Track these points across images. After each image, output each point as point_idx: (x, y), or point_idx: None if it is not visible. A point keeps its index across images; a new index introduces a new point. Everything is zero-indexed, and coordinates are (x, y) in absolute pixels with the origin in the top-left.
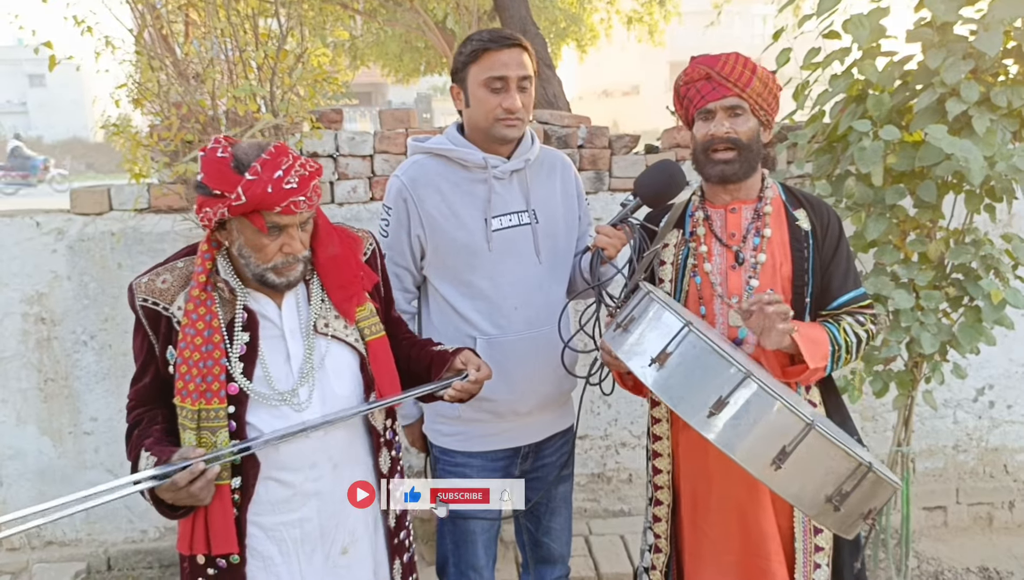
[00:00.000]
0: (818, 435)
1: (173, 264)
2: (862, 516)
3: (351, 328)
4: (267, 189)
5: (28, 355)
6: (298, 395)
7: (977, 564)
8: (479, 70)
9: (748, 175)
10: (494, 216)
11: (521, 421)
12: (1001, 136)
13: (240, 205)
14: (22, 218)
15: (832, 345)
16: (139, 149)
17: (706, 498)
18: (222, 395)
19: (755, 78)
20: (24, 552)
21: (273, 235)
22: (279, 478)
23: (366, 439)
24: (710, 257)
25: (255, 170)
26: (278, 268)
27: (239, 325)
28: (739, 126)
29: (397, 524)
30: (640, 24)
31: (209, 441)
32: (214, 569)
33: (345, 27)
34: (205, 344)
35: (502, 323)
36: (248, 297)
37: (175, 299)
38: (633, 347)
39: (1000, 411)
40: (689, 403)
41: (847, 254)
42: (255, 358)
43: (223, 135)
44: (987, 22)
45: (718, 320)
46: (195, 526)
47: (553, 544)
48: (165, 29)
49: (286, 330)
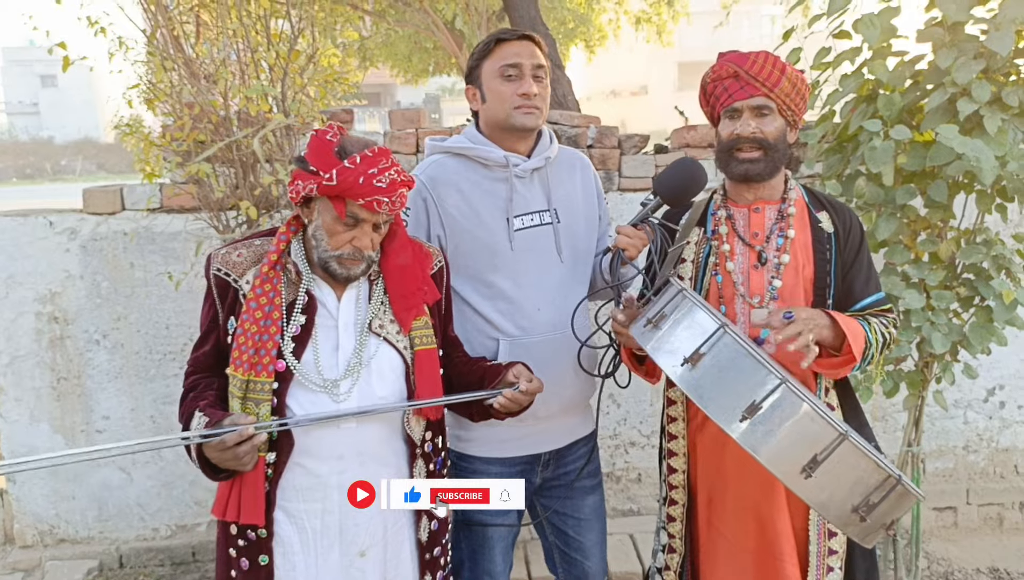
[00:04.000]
0: (851, 446)
1: (251, 241)
2: (884, 526)
3: (403, 336)
4: (359, 180)
5: (41, 354)
6: (339, 387)
7: (987, 565)
8: (492, 62)
9: (772, 175)
10: (516, 215)
11: (541, 426)
12: (1012, 136)
13: (330, 186)
14: (35, 217)
15: (866, 341)
16: (151, 149)
17: (722, 497)
18: (270, 370)
19: (784, 78)
20: (37, 549)
21: (349, 225)
22: (306, 465)
23: (401, 446)
24: (732, 256)
25: (354, 160)
26: (343, 258)
27: (299, 307)
28: (766, 126)
29: (431, 539)
30: (648, 24)
31: (253, 412)
32: (244, 540)
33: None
34: (264, 318)
35: (524, 325)
36: (312, 282)
37: (245, 273)
38: (663, 343)
39: (1011, 411)
40: (721, 405)
41: (868, 258)
42: (307, 341)
43: (336, 124)
44: (998, 22)
45: (739, 319)
46: (231, 493)
47: (588, 562)
48: (177, 30)
49: (340, 322)
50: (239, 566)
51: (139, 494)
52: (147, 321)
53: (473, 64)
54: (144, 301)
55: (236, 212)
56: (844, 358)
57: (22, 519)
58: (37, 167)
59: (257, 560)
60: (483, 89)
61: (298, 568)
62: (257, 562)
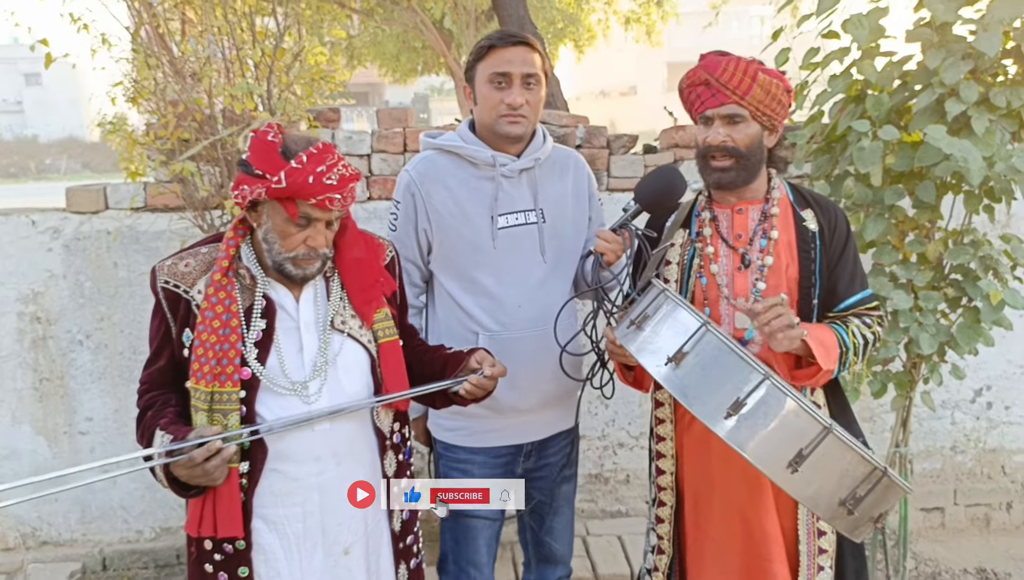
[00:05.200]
0: (836, 439)
1: (197, 249)
2: (872, 520)
3: (366, 329)
4: (308, 179)
5: (23, 354)
6: (308, 388)
7: (975, 565)
8: (485, 67)
9: (748, 181)
10: (500, 214)
11: (522, 418)
12: (1000, 136)
13: (279, 189)
14: (17, 216)
15: (840, 347)
16: (135, 147)
17: (708, 499)
18: (235, 379)
19: (755, 85)
20: (19, 552)
21: (301, 225)
22: (283, 470)
23: (373, 440)
24: (716, 258)
25: (301, 160)
26: (298, 259)
27: (257, 312)
28: (737, 134)
29: (403, 528)
30: (638, 25)
31: (221, 422)
32: (221, 555)
33: (342, 26)
34: (223, 327)
35: (505, 320)
36: (268, 285)
37: (196, 283)
38: (646, 345)
39: (998, 412)
40: (706, 403)
41: (854, 255)
42: (270, 345)
43: (275, 122)
44: (986, 22)
45: (724, 321)
46: (204, 508)
47: (555, 544)
48: (162, 27)
49: (301, 322)
50: None
51: (122, 496)
52: (131, 321)
53: (469, 65)
54: (128, 301)
55: (221, 211)
56: (815, 369)
57: (4, 521)
58: (21, 166)
59: (236, 573)
60: (475, 91)
61: (283, 574)
62: (236, 575)
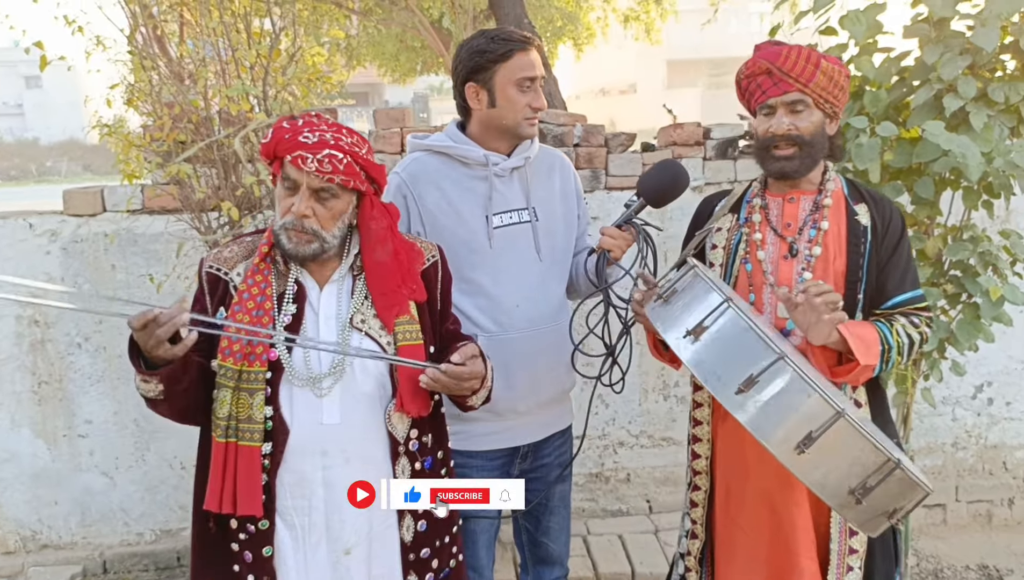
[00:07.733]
0: (847, 424)
1: (243, 239)
2: (886, 514)
3: (386, 332)
4: (285, 136)
5: (22, 358)
6: (322, 383)
7: (976, 562)
8: (510, 70)
9: (809, 170)
10: (495, 213)
11: (520, 420)
12: (999, 132)
13: (264, 143)
14: (15, 219)
15: (882, 344)
16: (132, 149)
17: (741, 490)
18: (264, 359)
19: (818, 72)
20: (19, 555)
21: (289, 189)
22: (289, 461)
23: (386, 444)
24: (763, 245)
25: (294, 122)
26: (287, 228)
27: (289, 297)
28: (800, 122)
29: (416, 540)
30: (637, 22)
31: (247, 402)
32: (245, 534)
33: (340, 27)
34: (256, 309)
35: (503, 320)
36: (299, 272)
37: (236, 266)
38: (671, 319)
39: (999, 408)
40: (719, 379)
41: (907, 254)
42: (298, 330)
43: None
44: (984, 17)
45: (767, 309)
46: (225, 483)
47: (552, 544)
48: (158, 29)
49: (321, 313)
50: (243, 559)
51: (122, 499)
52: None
53: (483, 64)
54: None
55: (218, 213)
56: (853, 365)
57: (4, 525)
58: (22, 169)
59: (261, 552)
60: (494, 93)
61: (289, 564)
62: (261, 554)
